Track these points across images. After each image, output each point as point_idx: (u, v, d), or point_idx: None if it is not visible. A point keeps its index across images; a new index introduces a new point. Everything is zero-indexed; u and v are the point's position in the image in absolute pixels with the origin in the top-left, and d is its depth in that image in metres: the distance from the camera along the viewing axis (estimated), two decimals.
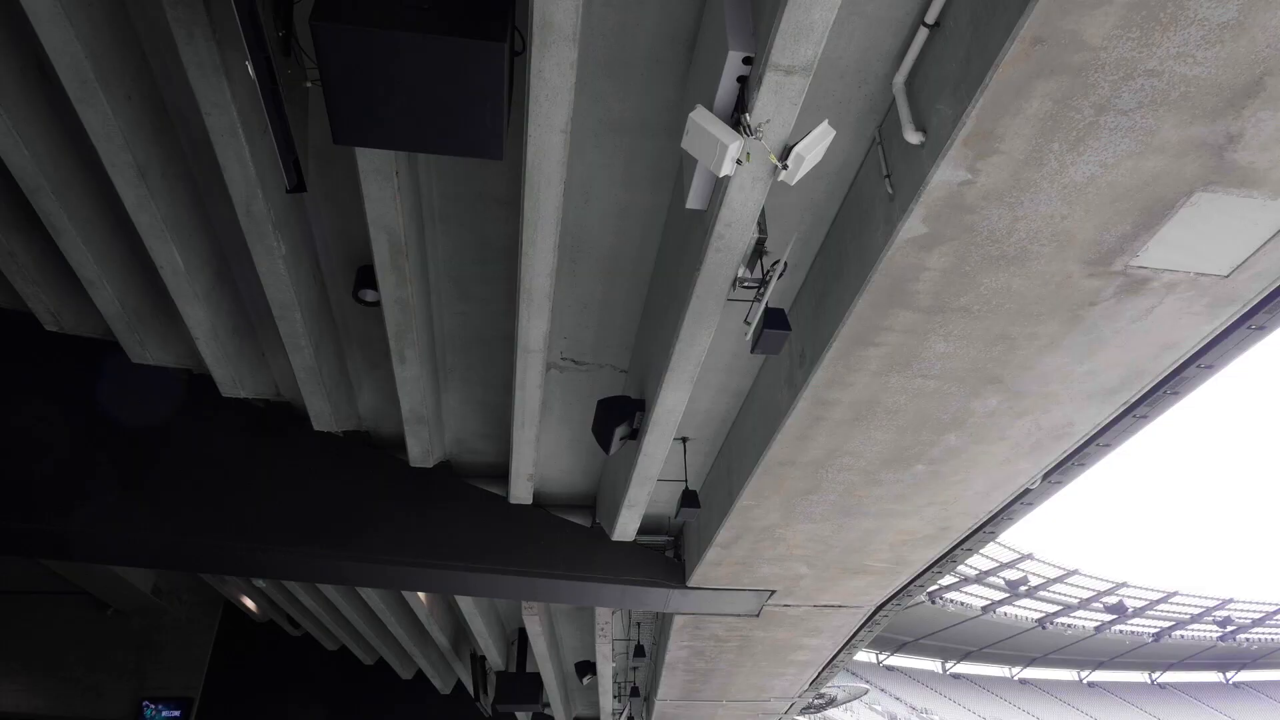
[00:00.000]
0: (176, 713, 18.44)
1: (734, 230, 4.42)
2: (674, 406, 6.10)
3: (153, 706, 18.52)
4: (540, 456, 7.97)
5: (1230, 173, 3.85)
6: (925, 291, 4.66)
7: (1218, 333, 5.07)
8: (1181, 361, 5.34)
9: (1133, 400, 5.76)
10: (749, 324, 4.76)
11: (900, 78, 4.12)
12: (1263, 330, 5.05)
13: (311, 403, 7.55)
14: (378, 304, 6.07)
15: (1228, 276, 4.52)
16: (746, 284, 4.75)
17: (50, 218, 5.84)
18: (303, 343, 6.59)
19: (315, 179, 5.52)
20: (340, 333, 7.28)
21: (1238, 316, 4.91)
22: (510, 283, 5.98)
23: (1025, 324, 4.92)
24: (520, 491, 8.36)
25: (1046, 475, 6.92)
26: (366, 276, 6.26)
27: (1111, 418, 5.97)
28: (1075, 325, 4.92)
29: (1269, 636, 79.71)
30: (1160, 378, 5.49)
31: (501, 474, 8.54)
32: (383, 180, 4.68)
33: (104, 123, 4.75)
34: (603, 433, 6.46)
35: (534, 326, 5.65)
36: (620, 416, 6.40)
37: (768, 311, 4.63)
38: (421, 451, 7.99)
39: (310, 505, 8.28)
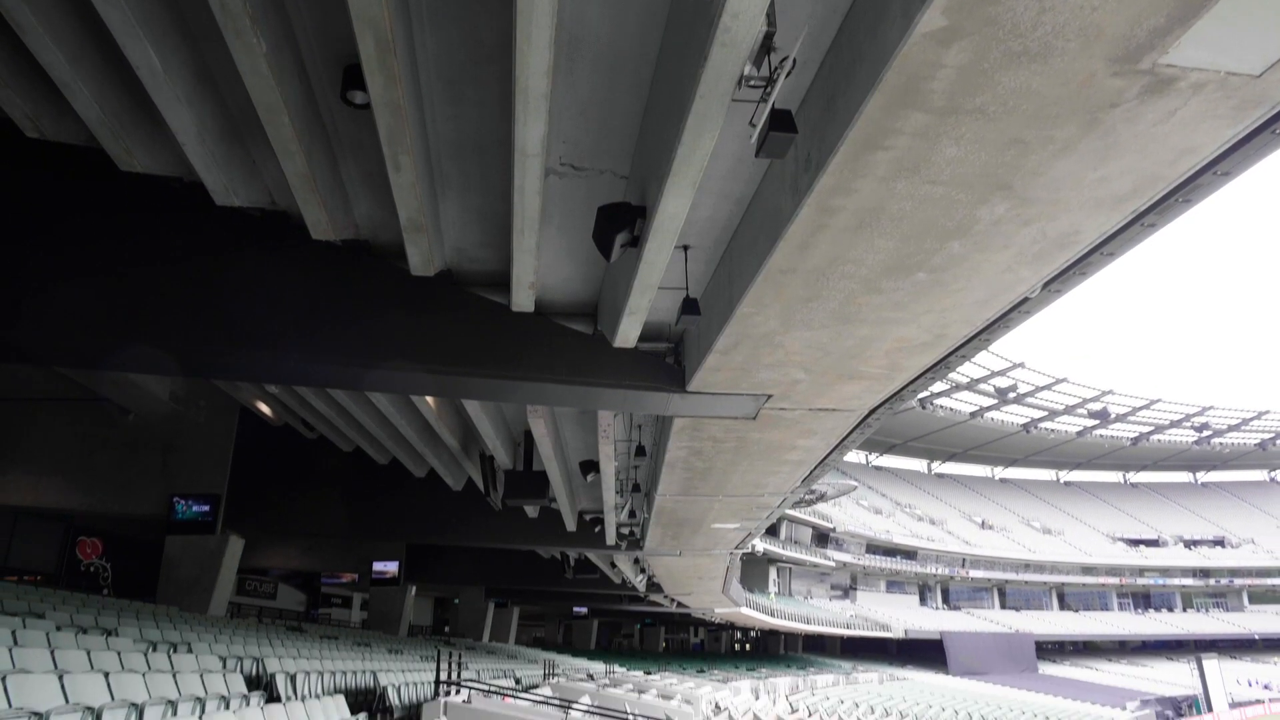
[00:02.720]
0: (206, 507, 19.67)
1: (741, 22, 4.14)
2: (675, 213, 6.00)
3: (183, 502, 19.72)
4: (541, 265, 7.96)
5: None
6: (939, 91, 4.45)
7: (1239, 137, 4.89)
8: (1198, 168, 5.20)
9: (1142, 208, 5.65)
10: (754, 126, 4.59)
11: None
12: None
13: (307, 211, 7.45)
14: (367, 107, 5.83)
15: (1259, 76, 4.29)
16: (752, 83, 4.52)
17: (12, 13, 5.49)
18: (293, 148, 6.39)
19: None
20: (332, 138, 7.04)
21: (1263, 120, 4.72)
22: (504, 84, 5.71)
23: (1041, 127, 4.74)
24: (522, 300, 8.43)
25: (1047, 284, 6.93)
26: (354, 77, 5.97)
27: (1119, 225, 5.89)
28: (1093, 129, 4.74)
29: (1242, 441, 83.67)
30: (1174, 184, 5.36)
31: (503, 282, 8.57)
32: None
33: None
34: (603, 240, 6.41)
35: (531, 129, 5.46)
36: (621, 223, 6.32)
37: (774, 113, 4.46)
38: (422, 260, 7.97)
39: (312, 312, 8.39)
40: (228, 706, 7.22)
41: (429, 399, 13.36)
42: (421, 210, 7.02)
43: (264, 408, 19.44)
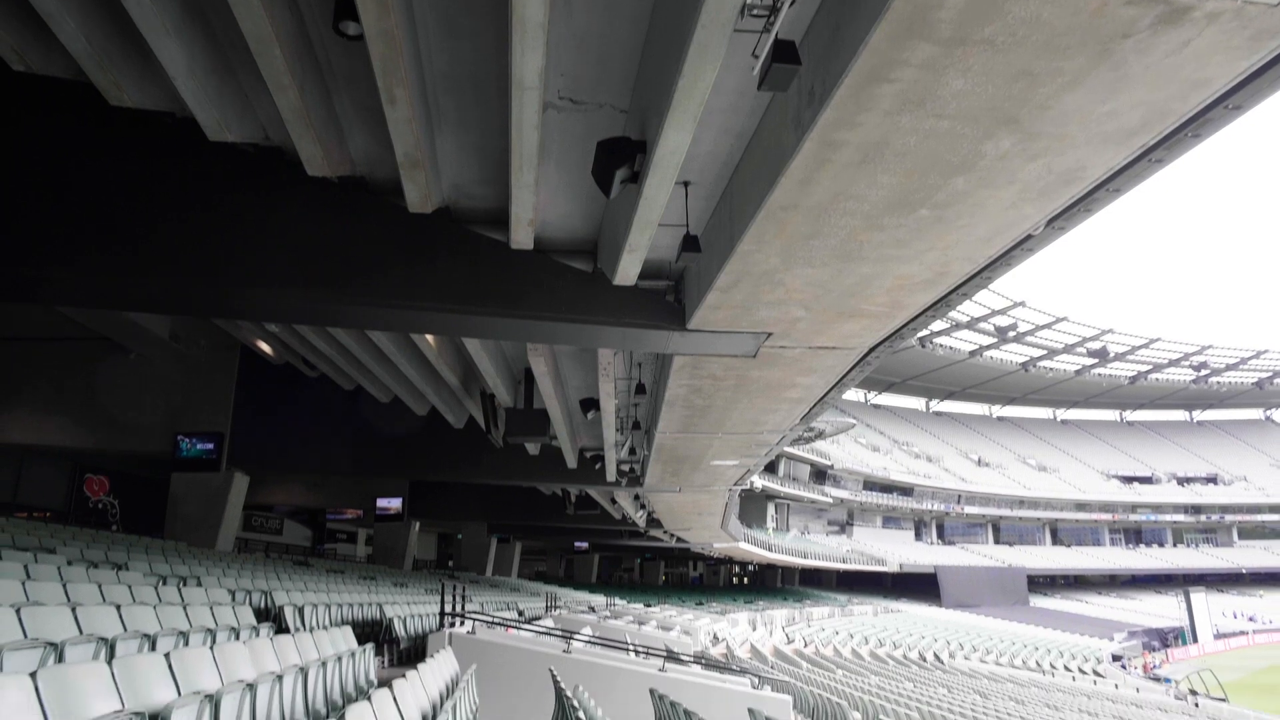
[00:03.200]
0: (210, 445, 19.83)
1: None
2: (676, 148, 5.90)
3: (188, 440, 19.88)
4: (540, 201, 7.88)
5: None
6: (948, 21, 4.33)
7: (1253, 70, 4.78)
8: (1209, 102, 5.09)
9: (1151, 143, 5.56)
10: (756, 58, 4.49)
11: None
12: None
13: (302, 146, 7.33)
14: (360, 38, 5.68)
15: (1277, 5, 4.17)
16: (755, 12, 4.39)
17: None
18: (285, 81, 6.26)
19: None
20: (325, 71, 6.89)
21: (1278, 52, 4.61)
22: (500, 13, 5.54)
23: (1050, 58, 4.63)
24: (521, 237, 8.36)
25: (1051, 220, 6.86)
26: (346, 6, 5.80)
27: (1127, 161, 5.80)
28: (1103, 60, 4.63)
29: (1239, 380, 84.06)
30: (1184, 119, 5.26)
31: (502, 220, 8.48)
32: None
33: None
34: (603, 176, 6.32)
35: (528, 61, 5.33)
36: (621, 159, 6.22)
37: (777, 44, 4.35)
38: (419, 196, 7.88)
39: (311, 250, 8.33)
40: (238, 637, 7.40)
41: (429, 337, 13.37)
42: (418, 146, 6.91)
43: (264, 346, 19.47)
